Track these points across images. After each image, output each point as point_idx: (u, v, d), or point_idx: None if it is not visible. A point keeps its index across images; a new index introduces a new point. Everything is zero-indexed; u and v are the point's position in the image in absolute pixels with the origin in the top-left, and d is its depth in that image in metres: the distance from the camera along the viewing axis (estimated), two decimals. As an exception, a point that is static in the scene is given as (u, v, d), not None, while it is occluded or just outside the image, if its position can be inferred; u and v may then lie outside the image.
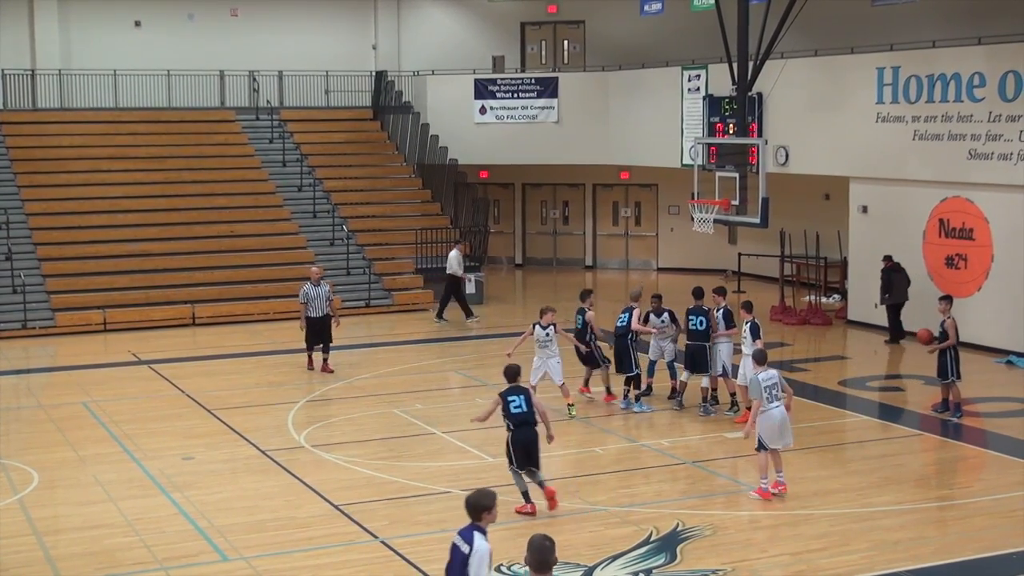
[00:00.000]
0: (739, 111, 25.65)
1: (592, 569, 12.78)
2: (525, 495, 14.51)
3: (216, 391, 21.45)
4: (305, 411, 19.95)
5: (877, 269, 26.63)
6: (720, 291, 20.12)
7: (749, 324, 18.54)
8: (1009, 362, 23.25)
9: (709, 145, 26.14)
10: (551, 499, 14.57)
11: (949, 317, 18.86)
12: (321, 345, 22.71)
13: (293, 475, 16.30)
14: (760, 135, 26.69)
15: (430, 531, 14.00)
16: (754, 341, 18.10)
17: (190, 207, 31.85)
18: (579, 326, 20.47)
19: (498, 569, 12.72)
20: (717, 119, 30.61)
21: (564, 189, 38.79)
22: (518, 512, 14.43)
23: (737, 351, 19.01)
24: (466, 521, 9.24)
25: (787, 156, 28.72)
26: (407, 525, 14.27)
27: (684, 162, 31.64)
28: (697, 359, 19.26)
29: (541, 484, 14.56)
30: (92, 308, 27.83)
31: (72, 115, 34.57)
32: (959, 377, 19.14)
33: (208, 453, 17.50)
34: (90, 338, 26.85)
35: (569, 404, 19.37)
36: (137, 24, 36.34)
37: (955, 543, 13.65)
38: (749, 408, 17.75)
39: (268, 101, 36.16)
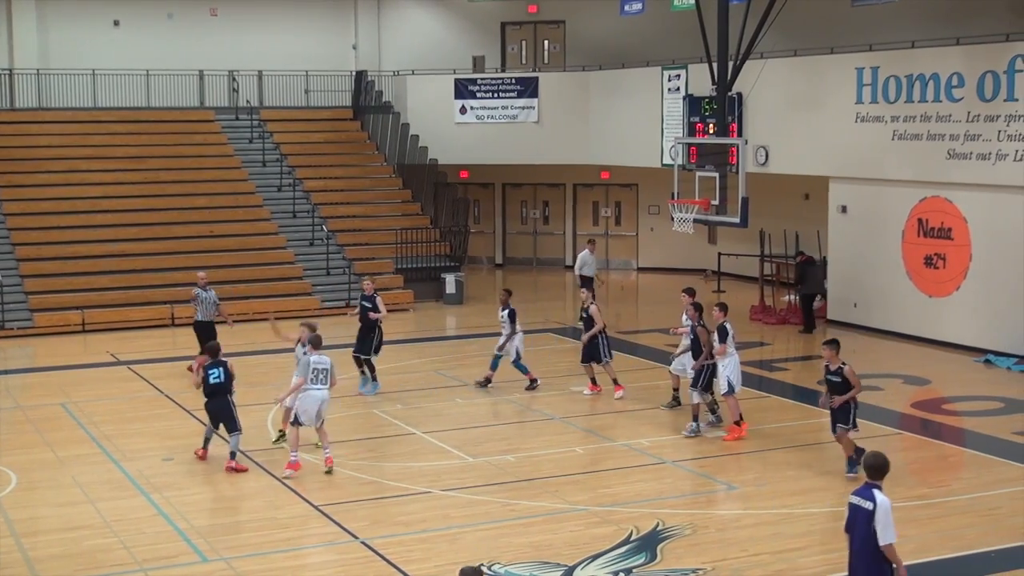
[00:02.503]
0: (719, 111, 25.68)
1: (572, 569, 12.78)
2: (207, 441, 17.02)
3: (195, 392, 21.32)
4: (284, 412, 19.85)
5: (858, 269, 26.80)
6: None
7: (719, 327, 18.60)
8: (987, 361, 23.34)
9: (689, 145, 26.17)
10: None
11: (845, 364, 16.08)
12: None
13: (273, 476, 16.26)
14: (740, 135, 26.74)
15: (410, 531, 13.99)
16: (722, 343, 18.15)
17: (169, 207, 31.75)
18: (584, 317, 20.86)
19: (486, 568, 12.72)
20: (697, 119, 30.71)
21: (544, 189, 38.79)
22: (197, 455, 16.87)
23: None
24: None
25: (767, 156, 28.79)
26: (387, 525, 14.25)
27: (664, 162, 31.68)
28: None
29: (205, 441, 17.03)
30: (71, 309, 27.72)
31: (50, 115, 34.42)
32: (856, 427, 16.29)
33: (187, 454, 17.42)
34: (69, 339, 26.74)
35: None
36: (116, 23, 36.20)
37: (934, 541, 13.69)
38: (737, 423, 17.89)
39: (248, 101, 36.06)
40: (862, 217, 26.84)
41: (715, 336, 18.21)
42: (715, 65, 25.14)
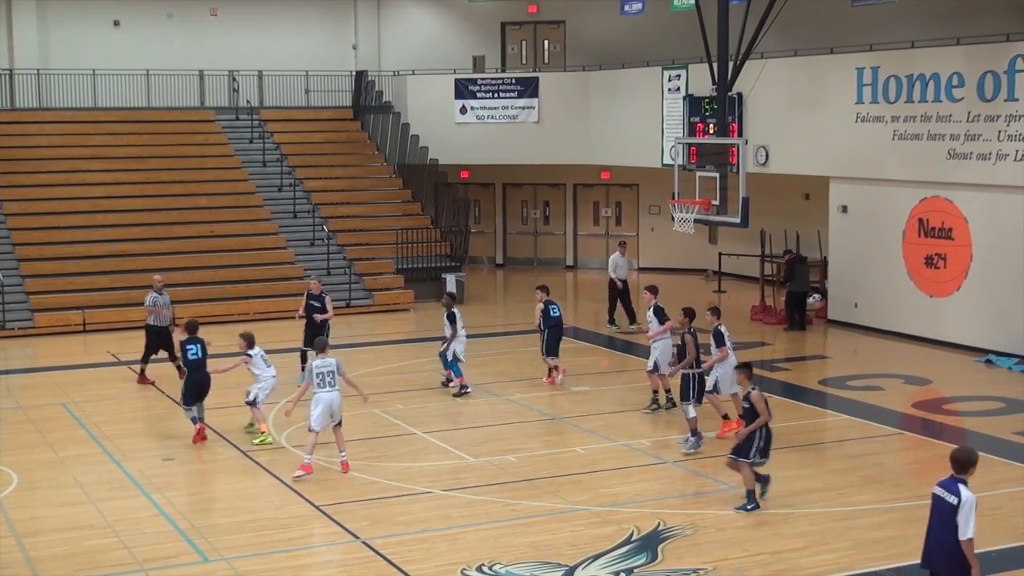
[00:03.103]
0: (719, 111, 25.67)
1: (573, 569, 12.78)
2: (194, 420, 17.88)
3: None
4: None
5: (858, 269, 26.79)
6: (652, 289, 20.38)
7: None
8: (988, 361, 23.34)
9: (689, 145, 26.15)
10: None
11: (754, 388, 14.83)
12: (169, 355, 22.04)
13: (274, 476, 16.26)
14: (740, 135, 26.74)
15: (411, 531, 13.99)
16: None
17: (170, 207, 31.76)
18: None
19: (480, 569, 12.74)
20: (697, 119, 30.71)
21: (545, 189, 38.79)
22: (196, 439, 17.72)
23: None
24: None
25: (767, 156, 28.79)
26: (388, 525, 14.25)
27: (665, 162, 31.68)
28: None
29: (194, 420, 17.88)
30: (71, 309, 27.73)
31: (51, 115, 34.43)
32: (766, 458, 14.87)
33: (188, 454, 17.45)
34: (70, 339, 26.74)
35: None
36: (116, 23, 36.21)
37: (935, 541, 13.67)
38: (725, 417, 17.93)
39: (248, 101, 36.06)
40: (862, 217, 26.84)
41: (712, 341, 18.10)
42: (715, 65, 25.13)
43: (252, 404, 18.12)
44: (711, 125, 28.77)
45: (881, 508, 14.78)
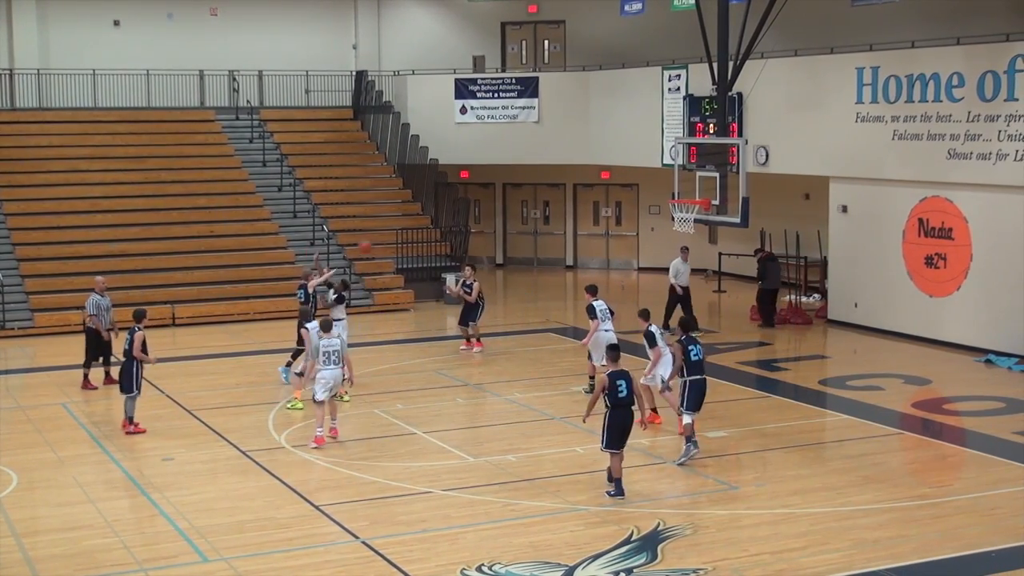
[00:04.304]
0: (719, 111, 25.66)
1: (573, 569, 12.78)
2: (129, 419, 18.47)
3: (196, 392, 21.40)
4: (285, 412, 19.89)
5: (858, 269, 26.78)
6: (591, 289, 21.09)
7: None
8: (988, 361, 23.33)
9: (689, 145, 26.14)
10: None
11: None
12: (102, 359, 22.00)
13: (274, 476, 16.26)
14: (740, 135, 26.73)
15: (411, 531, 13.98)
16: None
17: (170, 207, 31.76)
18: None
19: (480, 569, 12.73)
20: (697, 119, 30.71)
21: (545, 189, 38.79)
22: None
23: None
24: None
25: (767, 156, 28.79)
26: (388, 525, 14.25)
27: (665, 162, 31.68)
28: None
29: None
30: (71, 308, 27.65)
31: (51, 115, 34.42)
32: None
33: (188, 454, 17.45)
34: (69, 339, 26.66)
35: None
36: (116, 23, 36.20)
37: (934, 542, 13.68)
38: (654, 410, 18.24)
39: (248, 101, 36.07)
40: (862, 217, 26.84)
41: (645, 342, 18.44)
42: (715, 65, 25.13)
43: (300, 375, 19.61)
44: (711, 125, 28.76)
45: (881, 508, 14.78)
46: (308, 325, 19.02)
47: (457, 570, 12.77)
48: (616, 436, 15.08)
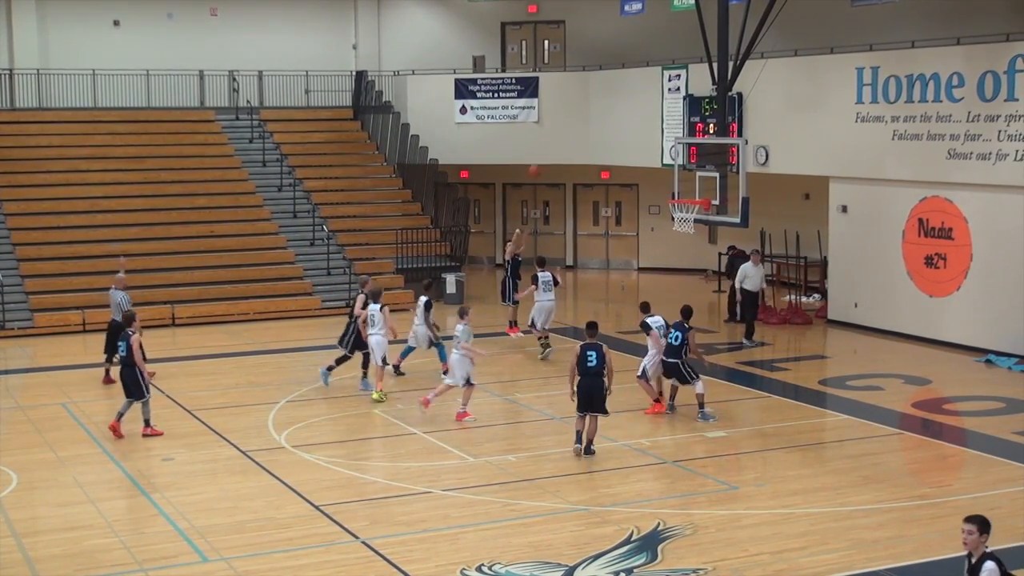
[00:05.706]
0: (719, 111, 25.65)
1: (573, 569, 12.78)
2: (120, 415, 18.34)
3: (196, 392, 21.39)
4: (285, 411, 19.90)
5: (858, 269, 26.79)
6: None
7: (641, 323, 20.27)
8: (988, 361, 23.34)
9: (689, 145, 26.14)
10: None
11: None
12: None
13: (274, 476, 16.26)
14: (740, 135, 26.74)
15: (411, 531, 13.98)
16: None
17: (170, 207, 31.75)
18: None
19: (480, 569, 12.74)
20: (697, 119, 30.71)
21: (544, 189, 38.77)
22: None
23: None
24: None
25: (767, 156, 28.79)
26: (388, 525, 14.25)
27: (664, 162, 31.68)
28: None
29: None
30: (71, 308, 27.71)
31: (51, 115, 34.41)
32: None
33: (188, 454, 17.45)
34: (69, 339, 26.73)
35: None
36: (116, 23, 36.19)
37: (934, 542, 13.69)
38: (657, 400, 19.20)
39: (248, 101, 36.06)
40: (862, 217, 26.84)
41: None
42: (715, 65, 25.13)
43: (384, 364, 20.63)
44: (711, 125, 28.76)
45: (881, 508, 14.78)
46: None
47: (457, 570, 12.77)
48: (582, 400, 16.86)
